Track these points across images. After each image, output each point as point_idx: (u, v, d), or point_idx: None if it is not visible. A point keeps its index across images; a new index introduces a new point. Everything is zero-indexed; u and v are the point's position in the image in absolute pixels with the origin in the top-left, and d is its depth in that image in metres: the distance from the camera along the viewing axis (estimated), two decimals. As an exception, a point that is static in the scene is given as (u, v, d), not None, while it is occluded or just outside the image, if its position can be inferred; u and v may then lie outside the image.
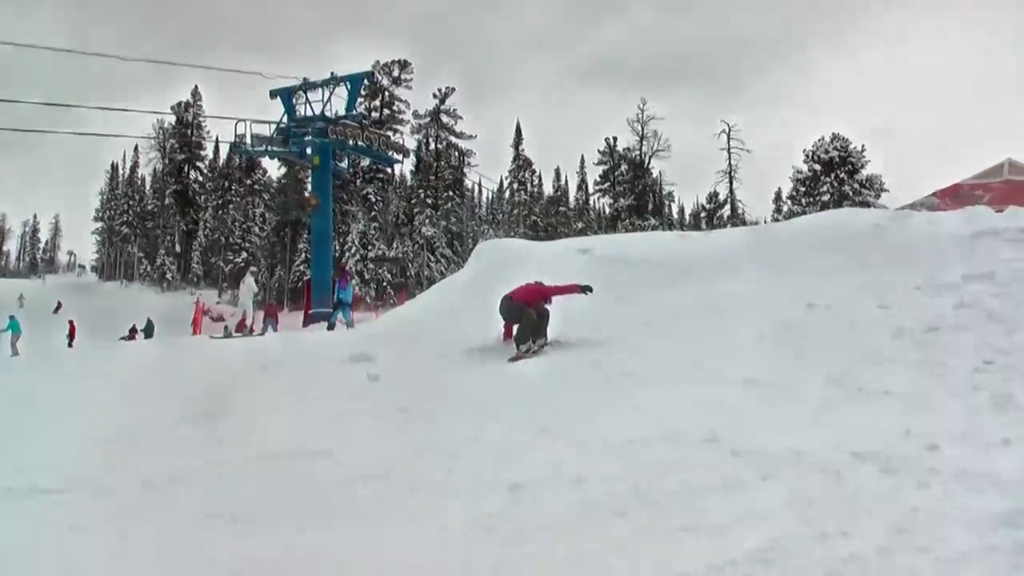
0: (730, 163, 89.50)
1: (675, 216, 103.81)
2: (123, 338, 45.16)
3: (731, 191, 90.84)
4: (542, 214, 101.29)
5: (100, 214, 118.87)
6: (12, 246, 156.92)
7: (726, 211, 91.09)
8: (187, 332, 41.57)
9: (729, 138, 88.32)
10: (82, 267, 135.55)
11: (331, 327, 28.91)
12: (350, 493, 7.48)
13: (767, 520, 5.57)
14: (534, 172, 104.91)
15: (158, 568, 6.00)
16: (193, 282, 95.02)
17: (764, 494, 6.19)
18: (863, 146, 77.41)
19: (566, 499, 6.53)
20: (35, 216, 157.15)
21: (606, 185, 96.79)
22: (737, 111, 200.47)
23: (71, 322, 51.78)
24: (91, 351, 26.73)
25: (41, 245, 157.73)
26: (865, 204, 65.73)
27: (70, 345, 47.19)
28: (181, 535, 6.80)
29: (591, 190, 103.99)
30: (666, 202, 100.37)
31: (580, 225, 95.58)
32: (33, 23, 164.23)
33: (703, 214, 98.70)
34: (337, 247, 79.27)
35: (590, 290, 14.77)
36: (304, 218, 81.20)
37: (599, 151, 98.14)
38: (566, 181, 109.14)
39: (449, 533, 5.99)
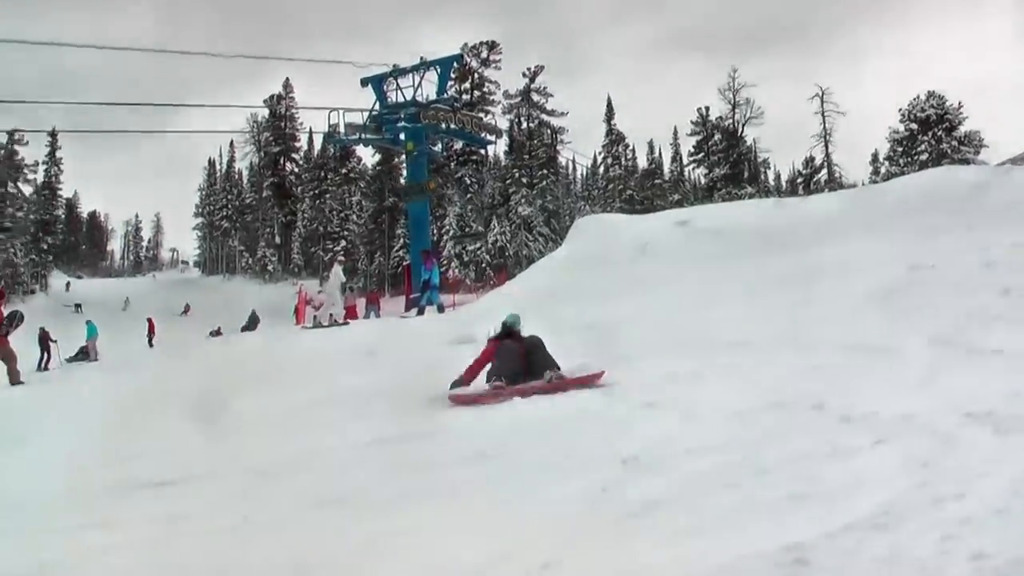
0: (824, 127, 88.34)
1: (771, 183, 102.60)
2: (212, 333, 45.77)
3: (827, 155, 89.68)
4: (637, 188, 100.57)
5: (200, 210, 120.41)
6: (116, 245, 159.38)
7: (823, 176, 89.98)
8: (290, 322, 41.98)
9: (823, 102, 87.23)
10: (185, 263, 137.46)
11: (420, 311, 28.98)
12: (464, 472, 7.52)
13: (880, 485, 5.50)
14: (627, 146, 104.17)
15: (279, 549, 6.09)
16: (294, 272, 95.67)
17: (876, 459, 6.11)
18: (960, 103, 76.08)
19: (678, 471, 6.50)
20: (137, 215, 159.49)
21: (700, 155, 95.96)
22: (829, 73, 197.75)
23: (150, 320, 52.26)
24: (199, 346, 27.26)
25: (144, 243, 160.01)
26: (965, 162, 64.53)
27: (150, 344, 47.75)
28: (299, 518, 6.91)
29: (685, 161, 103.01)
30: (762, 169, 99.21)
31: (676, 197, 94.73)
32: (122, 24, 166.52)
33: (799, 180, 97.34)
34: (435, 231, 79.58)
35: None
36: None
37: (692, 122, 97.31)
38: (660, 153, 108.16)
39: (563, 508, 6.01)
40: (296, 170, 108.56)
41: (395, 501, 6.84)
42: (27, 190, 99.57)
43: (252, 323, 52.34)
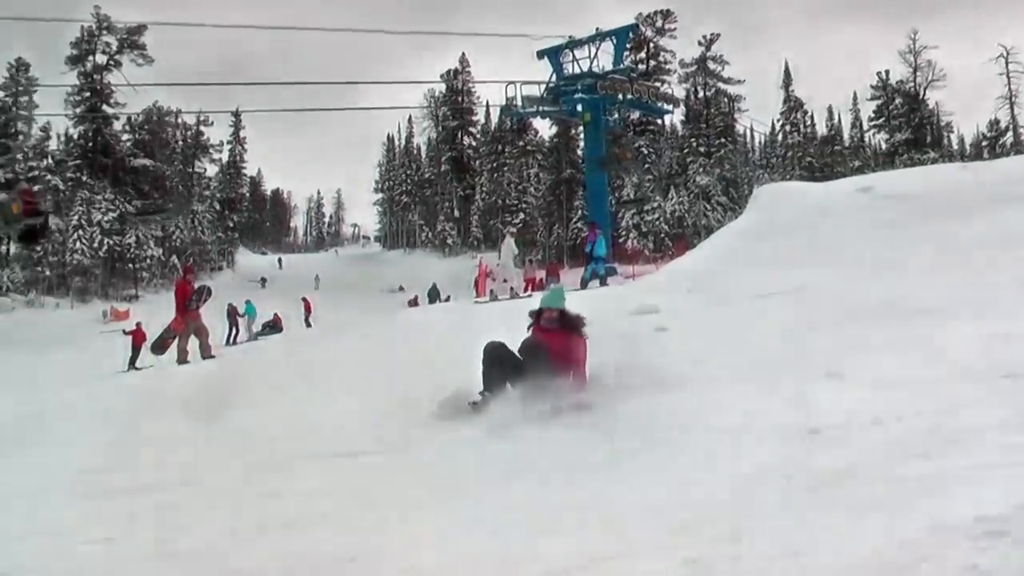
0: (1009, 88, 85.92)
1: (955, 147, 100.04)
2: (411, 303, 46.33)
3: (1012, 117, 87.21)
4: (816, 155, 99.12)
5: (379, 185, 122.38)
6: (299, 222, 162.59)
7: (1008, 139, 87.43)
8: (470, 295, 42.33)
9: (1007, 62, 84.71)
10: (366, 238, 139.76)
11: (584, 284, 28.92)
12: (647, 441, 7.55)
13: (1079, 456, 5.40)
14: (806, 112, 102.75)
15: (479, 513, 6.17)
16: (473, 246, 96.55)
17: (1073, 430, 5.98)
18: None
19: (864, 442, 6.36)
20: (319, 191, 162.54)
21: (881, 120, 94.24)
22: (1013, 32, 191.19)
23: (305, 300, 52.90)
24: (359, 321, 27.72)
25: (326, 219, 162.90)
26: None
27: (307, 323, 48.40)
28: (490, 487, 7.01)
29: (865, 127, 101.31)
30: (944, 133, 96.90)
31: (856, 163, 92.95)
32: (298, 4, 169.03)
33: (984, 143, 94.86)
34: (612, 202, 79.50)
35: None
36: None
37: (871, 86, 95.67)
38: (839, 119, 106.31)
39: (748, 480, 5.98)
40: (474, 144, 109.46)
41: (576, 472, 6.89)
42: (213, 170, 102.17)
43: (433, 296, 53.07)
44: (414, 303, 48.56)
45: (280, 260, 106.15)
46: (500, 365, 10.10)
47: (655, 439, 7.53)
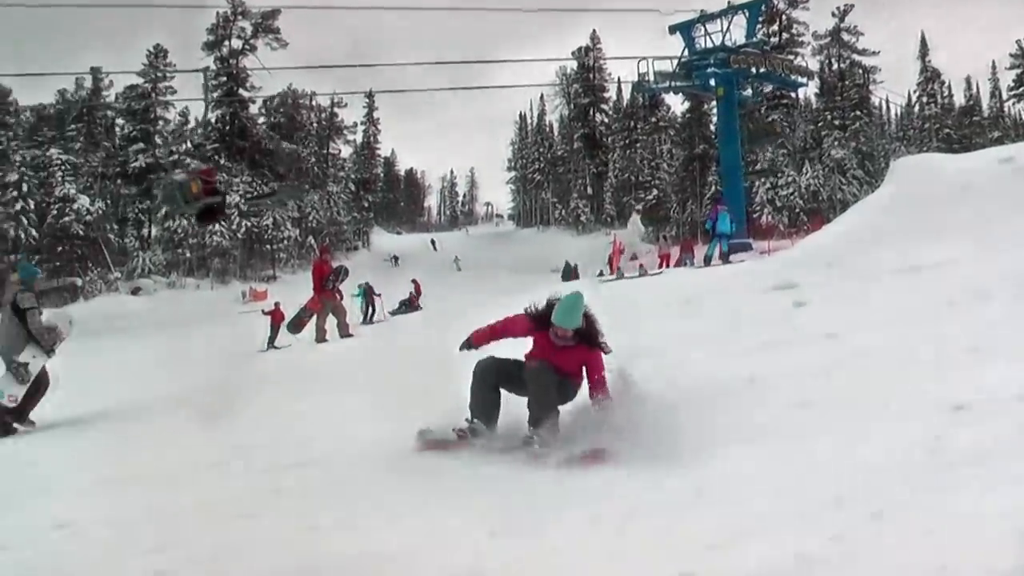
0: None
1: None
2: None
3: None
4: (954, 126, 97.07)
5: (512, 163, 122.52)
6: (432, 201, 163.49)
7: None
8: (605, 271, 42.30)
9: None
10: (500, 216, 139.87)
11: (707, 262, 28.74)
12: (785, 416, 7.50)
13: None
14: (943, 83, 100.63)
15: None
16: (607, 223, 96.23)
17: None
18: None
19: (1008, 418, 6.33)
20: (452, 171, 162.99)
21: (1021, 90, 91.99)
22: None
23: (415, 282, 52.57)
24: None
25: (459, 198, 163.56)
26: None
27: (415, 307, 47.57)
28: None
29: (1005, 96, 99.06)
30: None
31: (996, 134, 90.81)
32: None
33: None
34: (758, 179, 79.03)
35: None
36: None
37: (1011, 55, 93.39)
38: (977, 89, 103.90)
39: (893, 455, 5.92)
40: (606, 120, 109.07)
41: (715, 445, 6.88)
42: (347, 151, 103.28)
43: (567, 274, 53.08)
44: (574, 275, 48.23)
45: (434, 241, 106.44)
46: (494, 388, 8.72)
47: (790, 416, 7.48)
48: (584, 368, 8.46)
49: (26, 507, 8.34)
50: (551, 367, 8.36)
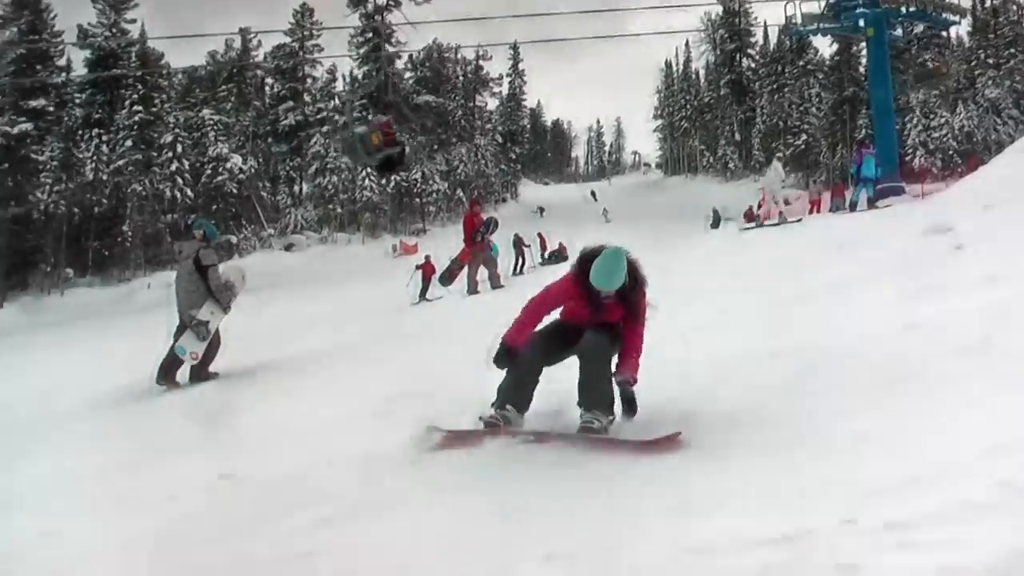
0: None
1: None
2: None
3: None
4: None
5: (658, 112, 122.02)
6: (579, 152, 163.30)
7: None
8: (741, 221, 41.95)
9: None
10: (647, 165, 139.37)
11: (852, 207, 28.26)
12: (946, 362, 7.37)
13: None
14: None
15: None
16: (755, 169, 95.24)
17: None
18: None
19: None
20: (598, 120, 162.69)
21: None
22: None
23: (540, 235, 51.62)
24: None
25: (606, 148, 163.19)
26: None
27: (543, 259, 46.48)
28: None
29: None
30: None
31: None
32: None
33: None
34: (897, 119, 77.34)
35: None
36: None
37: None
38: None
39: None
40: (753, 66, 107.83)
41: (874, 392, 6.81)
42: (494, 103, 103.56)
43: (715, 221, 52.73)
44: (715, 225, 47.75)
45: (594, 192, 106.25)
46: (539, 370, 7.53)
47: (952, 362, 7.36)
48: (625, 320, 7.52)
49: (193, 458, 8.63)
50: (608, 337, 7.42)
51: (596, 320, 7.49)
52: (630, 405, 7.30)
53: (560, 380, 7.52)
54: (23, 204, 68.73)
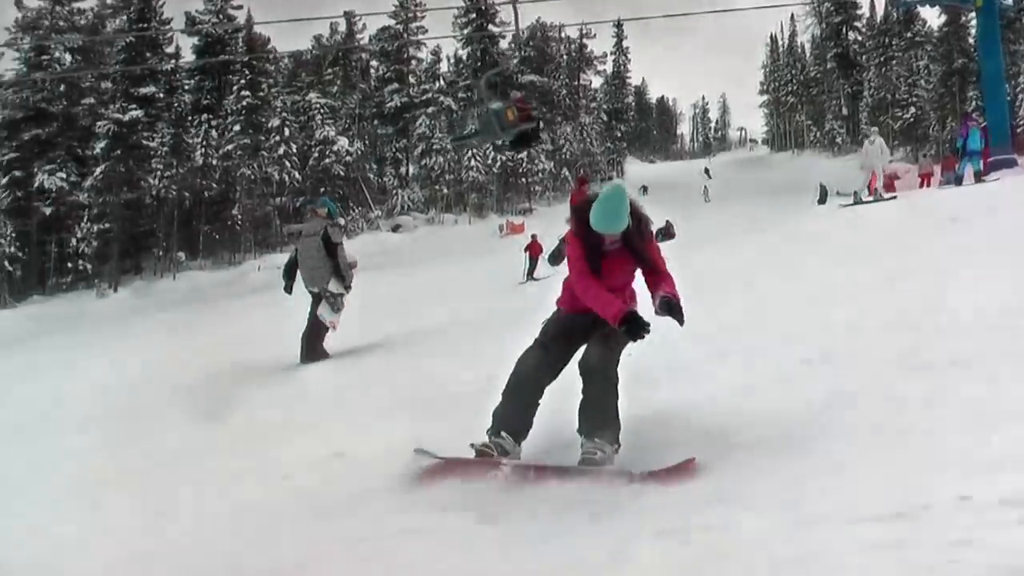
0: None
1: None
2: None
3: None
4: None
5: (764, 87, 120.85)
6: (685, 128, 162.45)
7: None
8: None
9: None
10: (753, 141, 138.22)
11: (958, 182, 27.85)
12: None
13: None
14: None
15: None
16: (863, 143, 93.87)
17: None
18: None
19: None
20: (703, 97, 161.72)
21: None
22: None
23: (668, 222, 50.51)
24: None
25: (711, 124, 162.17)
26: None
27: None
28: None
29: None
30: None
31: None
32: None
33: None
34: (1008, 90, 75.87)
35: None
36: None
37: None
38: None
39: None
40: (859, 39, 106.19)
41: (981, 364, 6.76)
42: (598, 82, 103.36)
43: (823, 197, 52.18)
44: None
45: (707, 170, 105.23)
46: (540, 391, 6.73)
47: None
48: (639, 265, 6.80)
49: (309, 436, 8.84)
50: (613, 346, 6.62)
51: (611, 284, 6.69)
52: (671, 311, 6.39)
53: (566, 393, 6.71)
54: (135, 190, 69.91)
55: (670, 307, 6.39)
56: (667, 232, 42.76)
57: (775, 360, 8.29)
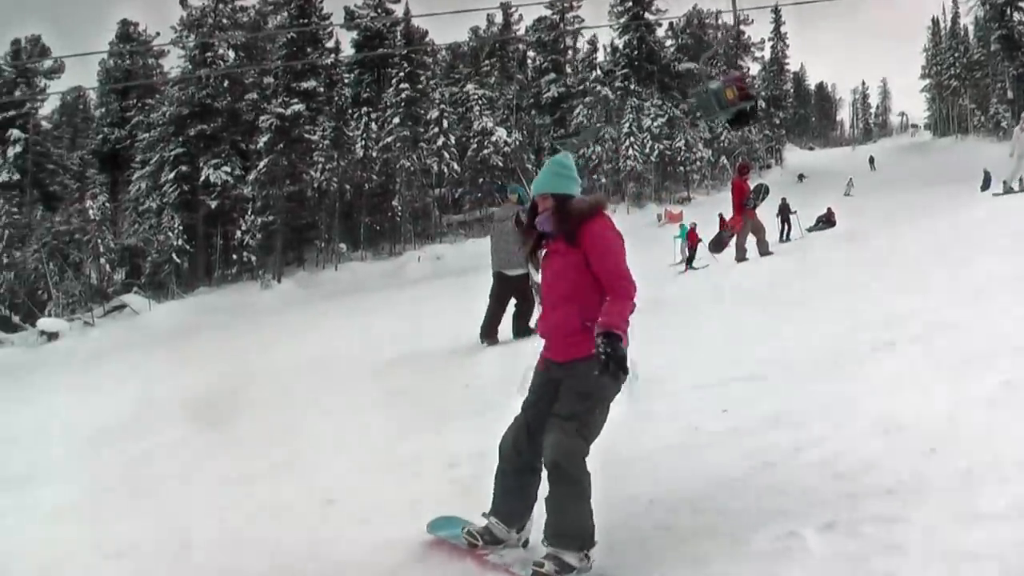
0: None
1: None
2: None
3: None
4: None
5: (926, 71, 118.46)
6: (845, 114, 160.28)
7: None
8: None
9: None
10: (915, 126, 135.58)
11: None
12: None
13: None
14: None
15: None
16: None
17: None
18: None
19: None
20: (863, 82, 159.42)
21: None
22: None
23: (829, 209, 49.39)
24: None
25: (872, 110, 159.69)
26: None
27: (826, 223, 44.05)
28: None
29: None
30: None
31: None
32: None
33: None
34: None
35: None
36: None
37: None
38: None
39: None
40: None
41: None
42: (756, 68, 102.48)
43: (986, 184, 51.00)
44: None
45: (872, 159, 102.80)
46: (534, 468, 5.71)
47: None
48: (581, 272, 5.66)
49: (475, 422, 8.98)
50: (583, 433, 5.41)
51: (551, 298, 5.84)
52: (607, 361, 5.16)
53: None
54: (298, 183, 71.28)
55: (603, 351, 5.19)
56: (828, 219, 42.23)
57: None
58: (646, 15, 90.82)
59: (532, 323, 14.83)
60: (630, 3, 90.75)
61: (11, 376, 34.82)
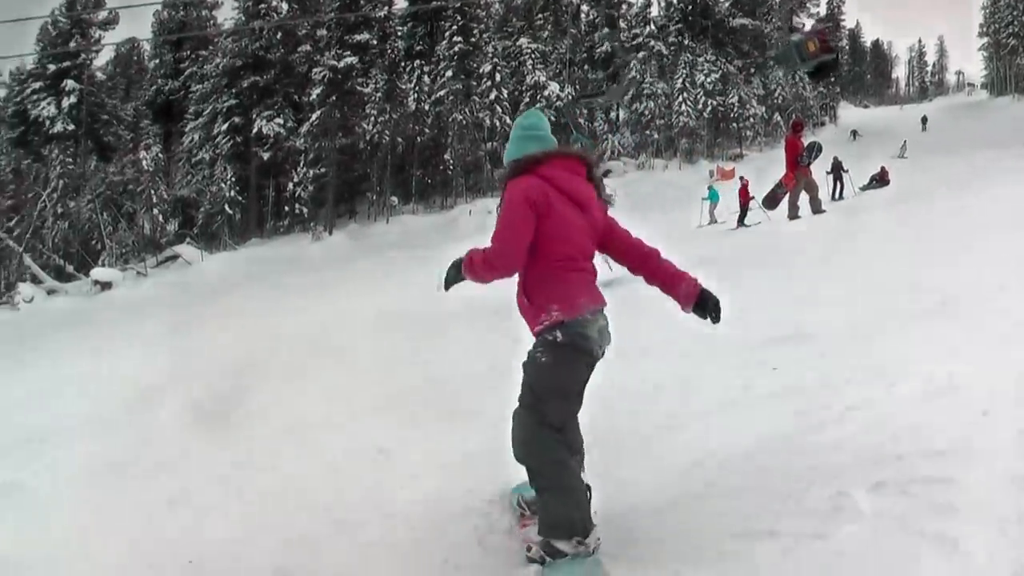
0: None
1: None
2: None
3: None
4: None
5: (984, 29, 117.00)
6: (900, 72, 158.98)
7: None
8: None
9: None
10: (971, 85, 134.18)
11: None
12: None
13: None
14: None
15: None
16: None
17: None
18: None
19: None
20: (920, 40, 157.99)
21: None
22: None
23: (883, 168, 48.51)
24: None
25: (928, 68, 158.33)
26: None
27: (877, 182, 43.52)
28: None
29: None
30: None
31: None
32: None
33: None
34: None
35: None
36: None
37: None
38: None
39: None
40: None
41: None
42: (810, 24, 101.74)
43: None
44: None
45: (925, 118, 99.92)
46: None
47: None
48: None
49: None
50: (523, 417, 5.23)
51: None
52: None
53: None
54: (350, 135, 71.32)
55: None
56: (882, 178, 41.89)
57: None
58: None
59: None
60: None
61: (67, 325, 35.31)
